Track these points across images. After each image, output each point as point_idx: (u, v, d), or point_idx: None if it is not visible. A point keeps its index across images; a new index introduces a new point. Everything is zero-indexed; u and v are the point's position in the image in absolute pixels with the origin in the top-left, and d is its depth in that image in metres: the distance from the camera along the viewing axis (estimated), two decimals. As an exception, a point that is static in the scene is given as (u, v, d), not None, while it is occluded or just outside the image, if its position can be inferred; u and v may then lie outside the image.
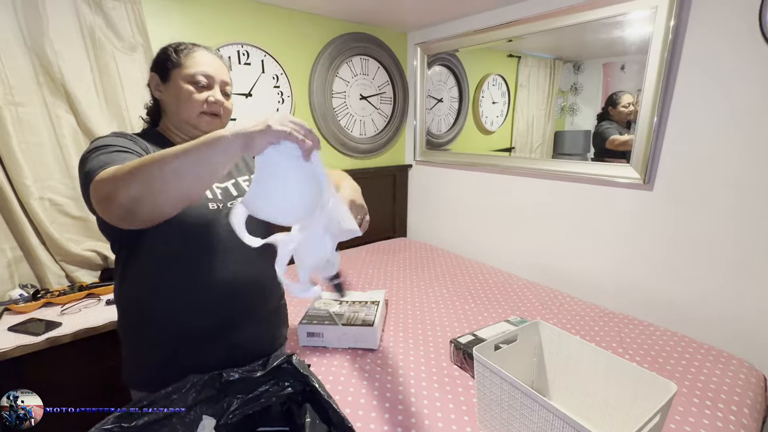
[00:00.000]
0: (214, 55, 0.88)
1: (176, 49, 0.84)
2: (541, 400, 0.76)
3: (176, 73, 0.82)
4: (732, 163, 1.32)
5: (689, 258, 1.46)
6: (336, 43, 2.12)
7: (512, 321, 1.38)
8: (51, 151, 1.39)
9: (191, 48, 0.85)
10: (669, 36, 1.36)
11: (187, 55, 0.83)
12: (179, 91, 0.82)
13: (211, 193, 0.85)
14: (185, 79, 0.82)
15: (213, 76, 0.84)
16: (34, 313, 1.34)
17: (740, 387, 1.12)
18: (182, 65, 0.82)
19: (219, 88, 0.86)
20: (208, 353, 0.86)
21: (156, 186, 0.57)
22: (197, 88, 0.82)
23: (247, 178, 0.94)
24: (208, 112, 0.84)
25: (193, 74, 0.82)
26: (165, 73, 0.83)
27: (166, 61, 0.83)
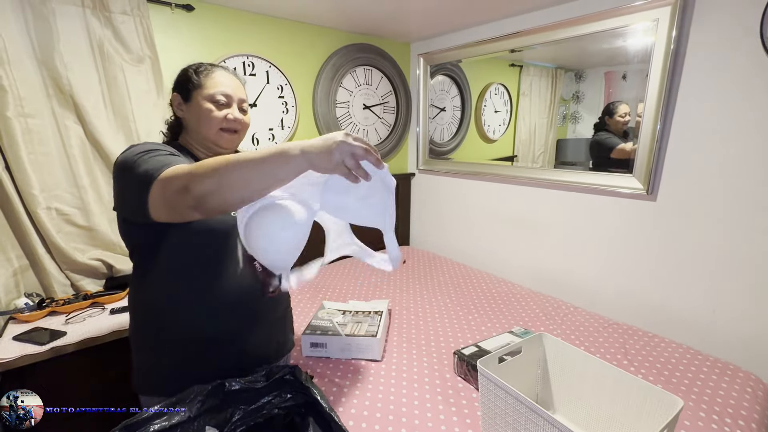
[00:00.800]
0: (232, 74, 0.93)
1: (196, 71, 0.89)
2: (546, 415, 0.76)
3: (197, 93, 0.88)
4: (736, 173, 1.32)
5: (694, 269, 1.45)
6: (340, 53, 2.14)
7: (516, 332, 1.38)
8: (59, 161, 1.41)
9: (210, 69, 0.90)
10: (671, 46, 1.37)
11: (207, 76, 0.88)
12: (200, 110, 0.87)
13: None
14: (206, 99, 0.87)
15: (231, 95, 0.89)
16: (39, 322, 1.35)
17: (747, 401, 1.11)
18: (202, 86, 0.88)
19: (237, 105, 0.91)
20: (218, 358, 0.89)
21: (226, 186, 0.63)
22: (217, 107, 0.88)
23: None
24: (227, 129, 0.90)
25: (213, 94, 0.87)
26: (186, 93, 0.89)
27: (188, 82, 0.89)
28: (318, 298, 1.74)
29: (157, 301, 0.86)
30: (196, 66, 0.91)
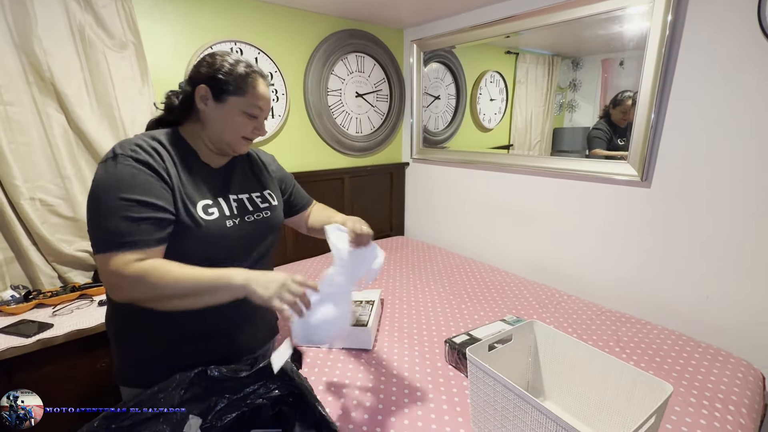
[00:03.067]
0: (267, 83, 0.87)
1: (243, 76, 0.80)
2: (534, 401, 0.75)
3: (234, 100, 0.81)
4: (731, 159, 1.30)
5: (687, 256, 1.45)
6: (331, 40, 2.10)
7: (508, 320, 1.37)
8: (41, 150, 1.38)
9: (254, 77, 0.82)
10: (666, 32, 1.34)
11: (251, 85, 0.81)
12: (232, 118, 0.82)
13: (228, 209, 0.86)
14: (242, 109, 0.82)
15: (264, 109, 0.85)
16: (25, 314, 1.33)
17: (738, 386, 1.11)
18: (245, 95, 0.81)
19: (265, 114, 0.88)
20: (202, 351, 0.87)
21: (159, 301, 0.72)
22: (249, 119, 0.84)
23: (259, 194, 0.96)
24: (249, 137, 0.87)
25: (250, 107, 0.82)
26: (220, 93, 0.80)
27: (227, 83, 0.80)
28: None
29: (139, 312, 0.79)
30: (245, 68, 0.81)
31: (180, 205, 0.78)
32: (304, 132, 2.14)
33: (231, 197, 0.89)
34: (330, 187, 2.27)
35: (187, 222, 0.78)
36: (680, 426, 0.96)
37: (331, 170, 2.24)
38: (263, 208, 0.94)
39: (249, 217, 0.90)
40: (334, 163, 2.29)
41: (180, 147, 0.83)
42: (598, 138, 1.67)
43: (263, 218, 0.93)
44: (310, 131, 2.16)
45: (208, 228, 0.80)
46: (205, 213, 0.81)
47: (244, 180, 0.95)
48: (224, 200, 0.87)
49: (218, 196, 0.86)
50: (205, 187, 0.84)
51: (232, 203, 0.88)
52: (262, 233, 0.93)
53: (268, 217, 0.95)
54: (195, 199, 0.81)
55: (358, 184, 2.39)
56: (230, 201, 0.88)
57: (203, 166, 0.86)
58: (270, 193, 0.99)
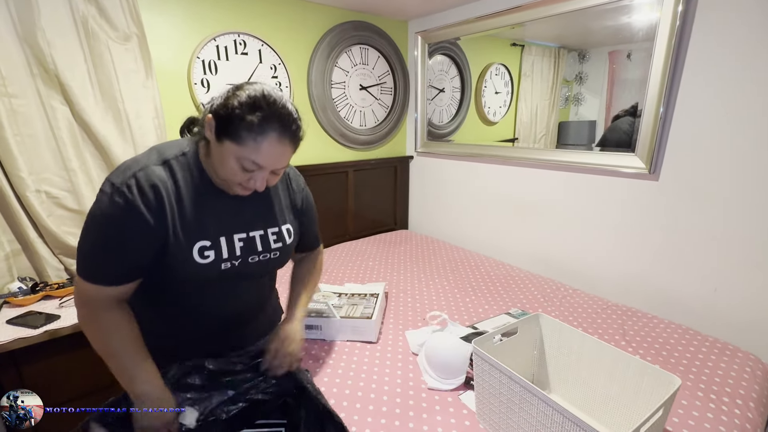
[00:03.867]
0: (290, 142, 0.73)
1: (249, 124, 0.68)
2: (540, 393, 0.74)
3: (230, 145, 0.70)
4: (742, 153, 1.28)
5: (695, 249, 1.43)
6: (335, 31, 2.08)
7: (513, 313, 1.37)
8: (46, 143, 1.38)
9: (264, 130, 0.69)
10: (677, 22, 1.31)
11: (254, 140, 0.69)
12: (225, 161, 0.72)
13: (227, 251, 0.79)
14: (236, 157, 0.71)
15: (264, 167, 0.73)
16: (33, 306, 1.34)
17: (746, 380, 1.10)
18: (242, 144, 0.69)
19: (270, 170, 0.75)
20: (202, 344, 0.88)
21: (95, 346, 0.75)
22: (242, 170, 0.72)
23: (277, 230, 0.88)
24: (244, 187, 0.76)
25: (243, 158, 0.70)
26: (220, 131, 0.71)
27: (229, 123, 0.69)
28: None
29: (140, 315, 0.79)
30: (254, 114, 0.68)
31: (172, 243, 0.74)
32: (308, 125, 2.09)
33: (237, 236, 0.81)
34: (334, 180, 2.26)
35: (178, 258, 0.75)
36: (687, 420, 0.95)
37: (335, 163, 2.23)
38: (274, 249, 0.87)
39: (254, 258, 0.84)
40: (338, 157, 2.28)
41: (194, 169, 0.77)
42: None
43: (270, 259, 0.87)
44: (314, 124, 2.15)
45: (198, 270, 0.76)
46: (200, 256, 0.76)
47: (262, 211, 0.86)
48: (227, 240, 0.80)
49: (221, 234, 0.79)
50: (211, 221, 0.78)
51: (237, 243, 0.81)
52: (264, 271, 0.90)
53: (276, 258, 0.88)
54: (192, 240, 0.75)
55: (362, 177, 2.38)
56: (234, 241, 0.81)
57: (216, 192, 0.79)
58: (289, 229, 0.91)
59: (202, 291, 0.82)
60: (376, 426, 0.94)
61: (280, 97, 0.72)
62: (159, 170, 0.73)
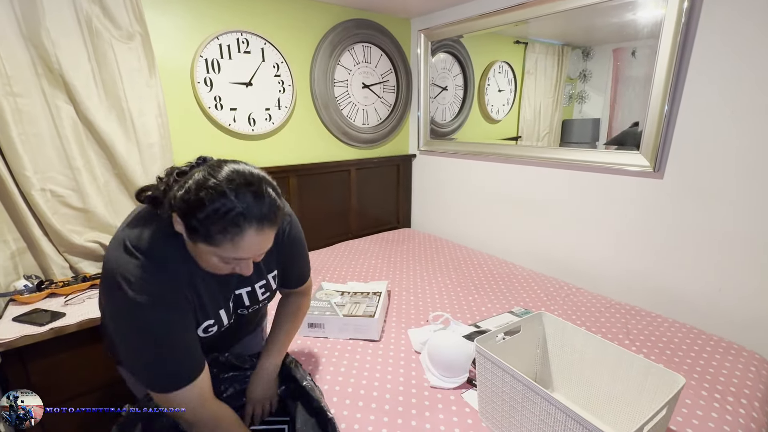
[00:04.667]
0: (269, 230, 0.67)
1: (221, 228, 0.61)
2: (543, 392, 0.74)
3: (204, 246, 0.65)
4: (746, 151, 1.27)
5: (700, 248, 1.42)
6: (337, 30, 2.08)
7: (516, 312, 1.36)
8: (50, 142, 1.39)
9: (239, 230, 0.62)
10: (682, 18, 1.30)
11: (230, 240, 0.63)
12: (204, 258, 0.68)
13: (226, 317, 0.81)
14: (214, 255, 0.66)
15: (247, 258, 0.69)
16: (38, 303, 1.35)
17: (751, 380, 1.09)
18: (217, 246, 0.64)
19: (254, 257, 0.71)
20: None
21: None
22: (225, 264, 0.69)
23: (264, 282, 0.87)
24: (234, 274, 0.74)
25: (224, 258, 0.67)
26: (190, 234, 0.64)
27: (197, 226, 0.62)
28: (317, 280, 1.73)
29: None
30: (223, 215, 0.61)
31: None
32: (311, 123, 2.14)
33: (229, 299, 0.82)
34: (336, 179, 2.27)
35: None
36: (691, 419, 0.95)
37: (338, 162, 2.23)
38: (263, 299, 0.88)
39: (243, 311, 0.87)
40: (340, 155, 2.28)
41: (181, 258, 0.71)
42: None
43: (258, 308, 0.91)
44: (317, 122, 2.15)
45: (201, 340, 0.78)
46: (204, 332, 0.79)
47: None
48: (225, 310, 0.81)
49: (220, 307, 0.79)
50: (209, 301, 0.77)
51: (230, 305, 0.83)
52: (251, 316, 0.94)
53: (264, 305, 0.92)
54: (200, 322, 0.77)
55: (364, 176, 2.38)
56: (229, 305, 0.82)
57: (205, 274, 0.74)
58: (275, 276, 0.90)
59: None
60: (378, 424, 0.94)
61: (249, 183, 0.63)
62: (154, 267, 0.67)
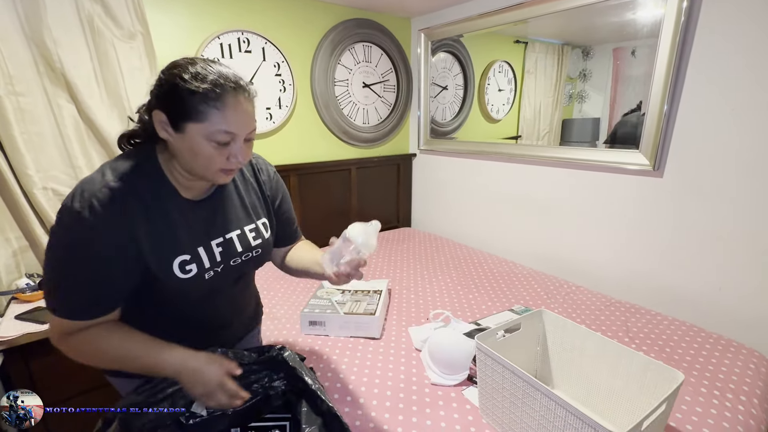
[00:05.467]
0: (246, 100, 0.68)
1: (202, 94, 0.63)
2: (543, 388, 0.75)
3: (193, 127, 0.64)
4: (746, 150, 1.27)
5: (699, 246, 1.42)
6: (338, 29, 2.08)
7: (516, 310, 1.37)
8: (53, 140, 1.39)
9: (221, 94, 0.64)
10: (681, 18, 1.31)
11: (215, 107, 0.64)
12: (196, 149, 0.66)
13: (208, 259, 0.76)
14: (204, 137, 0.65)
15: (237, 134, 0.68)
16: (40, 302, 1.35)
17: (750, 377, 1.09)
18: (205, 120, 0.64)
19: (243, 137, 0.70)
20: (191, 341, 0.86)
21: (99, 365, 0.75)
22: (218, 147, 0.67)
23: (254, 226, 0.85)
24: (228, 170, 0.71)
25: (215, 132, 0.65)
26: (177, 119, 0.65)
27: (182, 104, 0.63)
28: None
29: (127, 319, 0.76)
30: (201, 82, 0.63)
31: (151, 264, 0.70)
32: (311, 122, 2.14)
33: (215, 242, 0.78)
34: (337, 178, 2.27)
35: (160, 277, 0.71)
36: (691, 415, 0.96)
37: (338, 161, 2.24)
38: (255, 246, 0.84)
39: (236, 260, 0.81)
40: (341, 154, 2.29)
41: (156, 181, 0.70)
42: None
43: (252, 257, 0.84)
44: (317, 122, 2.16)
45: (184, 284, 0.73)
46: (182, 271, 0.72)
47: (235, 211, 0.83)
48: (206, 249, 0.76)
49: (200, 243, 0.75)
50: (185, 233, 0.73)
51: (215, 249, 0.77)
52: (247, 270, 0.88)
53: (258, 255, 0.86)
54: (170, 256, 0.71)
55: (365, 175, 2.39)
56: (213, 248, 0.77)
57: (184, 202, 0.74)
58: (265, 223, 0.88)
59: (186, 303, 0.80)
60: (380, 420, 0.95)
61: (212, 60, 0.69)
62: (119, 186, 0.65)
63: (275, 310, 1.47)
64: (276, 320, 1.40)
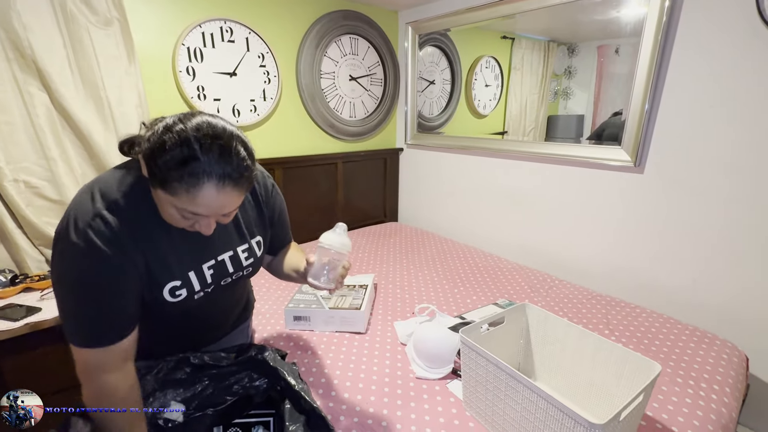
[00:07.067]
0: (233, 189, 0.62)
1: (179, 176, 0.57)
2: (525, 380, 0.76)
3: (163, 194, 0.60)
4: (724, 147, 1.31)
5: (676, 240, 1.47)
6: (324, 20, 2.05)
7: (501, 304, 1.38)
8: (24, 131, 1.33)
9: (197, 180, 0.58)
10: (663, 17, 1.33)
11: (186, 190, 0.58)
12: (161, 205, 0.64)
13: (199, 282, 0.75)
14: (171, 205, 0.62)
15: (206, 216, 0.64)
16: (12, 298, 1.30)
17: (723, 367, 1.13)
18: (174, 196, 0.59)
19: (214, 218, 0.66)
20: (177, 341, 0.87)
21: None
22: (184, 218, 0.64)
23: (247, 246, 0.83)
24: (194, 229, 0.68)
25: (180, 209, 0.62)
26: (152, 179, 0.61)
27: (156, 169, 0.59)
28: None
29: None
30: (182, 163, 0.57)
31: (144, 289, 0.70)
32: (297, 115, 2.11)
33: (206, 265, 0.76)
34: (323, 172, 2.25)
35: (148, 300, 0.71)
36: (667, 405, 0.99)
37: (324, 155, 2.21)
38: (246, 266, 0.83)
39: (226, 280, 0.81)
40: (327, 148, 2.26)
41: (146, 208, 0.67)
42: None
43: (243, 275, 0.85)
44: (303, 115, 2.13)
45: (171, 307, 0.73)
46: (171, 296, 0.72)
47: (228, 232, 0.80)
48: (196, 273, 0.75)
49: (190, 268, 0.74)
50: (176, 260, 0.72)
51: (206, 272, 0.76)
52: (237, 286, 0.88)
53: (249, 273, 0.86)
54: (161, 283, 0.71)
55: (351, 169, 2.37)
56: (204, 271, 0.76)
57: (174, 228, 0.70)
58: (259, 242, 0.86)
59: (174, 316, 0.80)
60: (364, 414, 0.95)
61: (217, 136, 0.60)
62: (110, 216, 0.64)
63: (259, 305, 1.45)
64: (260, 315, 1.38)
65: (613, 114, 1.61)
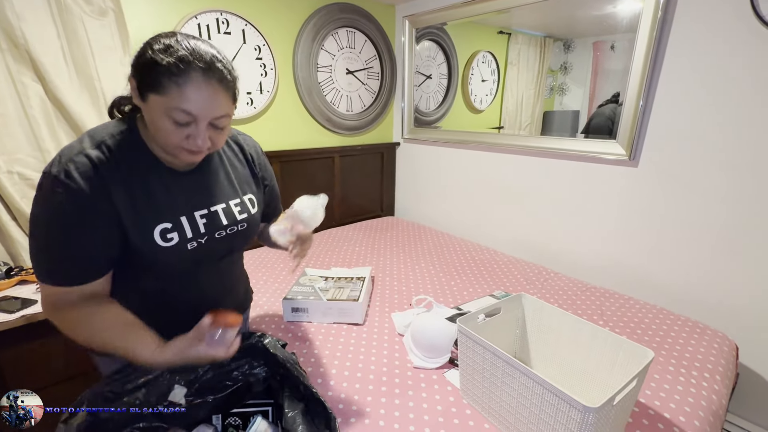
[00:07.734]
0: (215, 81, 0.65)
1: (167, 66, 0.61)
2: (522, 367, 0.77)
3: (154, 98, 0.63)
4: (718, 142, 1.33)
5: (670, 233, 1.49)
6: (321, 13, 2.04)
7: (497, 295, 1.40)
8: (18, 122, 1.32)
9: (184, 71, 0.62)
10: (659, 13, 1.34)
11: (175, 82, 0.62)
12: (156, 121, 0.65)
13: (191, 229, 0.75)
14: (163, 111, 0.64)
15: (197, 116, 0.65)
16: (8, 291, 1.30)
17: (714, 355, 1.16)
18: (165, 93, 0.62)
19: (208, 122, 0.67)
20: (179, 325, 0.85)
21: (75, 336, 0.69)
22: (176, 125, 0.65)
23: (239, 200, 0.85)
24: (188, 149, 0.68)
25: (172, 108, 0.63)
26: (142, 88, 0.64)
27: (148, 74, 0.63)
28: (300, 266, 1.72)
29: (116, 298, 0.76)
30: (168, 56, 0.62)
31: (131, 231, 0.69)
32: (294, 109, 2.10)
33: (198, 213, 0.77)
34: (320, 165, 2.25)
35: (139, 247, 0.71)
36: (659, 392, 1.01)
37: (321, 149, 2.21)
38: (240, 220, 0.84)
39: (220, 233, 0.81)
40: (324, 142, 2.26)
41: (134, 150, 0.70)
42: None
43: (237, 231, 0.84)
44: (300, 108, 2.12)
45: (164, 254, 0.73)
46: (163, 239, 0.72)
47: (221, 184, 0.82)
48: (188, 219, 0.76)
49: (182, 213, 0.75)
50: (166, 202, 0.73)
51: (199, 221, 0.77)
52: (233, 246, 0.87)
53: (244, 230, 0.85)
54: (150, 224, 0.71)
55: (348, 163, 2.37)
56: (196, 219, 0.77)
57: (167, 172, 0.73)
58: (251, 199, 0.88)
59: (173, 278, 0.80)
60: (362, 403, 0.96)
61: (199, 40, 0.67)
62: (96, 153, 0.66)
63: (257, 297, 1.46)
64: (258, 308, 1.38)
65: (599, 105, 1.63)
